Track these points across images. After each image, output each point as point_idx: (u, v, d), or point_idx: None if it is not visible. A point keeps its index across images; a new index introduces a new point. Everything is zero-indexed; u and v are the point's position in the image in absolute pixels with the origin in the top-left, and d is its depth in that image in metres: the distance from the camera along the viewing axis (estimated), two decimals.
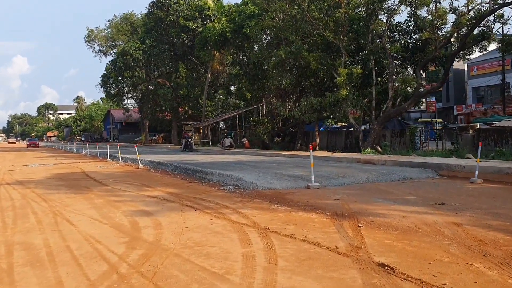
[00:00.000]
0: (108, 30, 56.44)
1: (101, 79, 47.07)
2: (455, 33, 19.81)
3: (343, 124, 31.65)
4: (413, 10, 20.39)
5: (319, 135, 26.22)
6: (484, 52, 23.95)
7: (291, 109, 25.72)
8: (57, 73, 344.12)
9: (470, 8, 19.26)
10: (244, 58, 33.78)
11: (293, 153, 21.69)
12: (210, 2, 40.66)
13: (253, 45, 31.85)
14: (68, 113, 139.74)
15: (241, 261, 4.68)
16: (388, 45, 21.00)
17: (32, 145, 61.54)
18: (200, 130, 42.30)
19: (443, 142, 19.91)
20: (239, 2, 33.83)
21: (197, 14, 39.67)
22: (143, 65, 44.39)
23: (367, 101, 21.47)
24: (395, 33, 22.50)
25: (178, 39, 41.63)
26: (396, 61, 22.36)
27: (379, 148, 19.90)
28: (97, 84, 50.80)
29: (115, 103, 54.25)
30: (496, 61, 39.62)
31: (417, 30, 21.62)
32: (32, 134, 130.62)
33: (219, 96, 45.46)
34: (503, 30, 23.52)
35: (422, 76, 21.40)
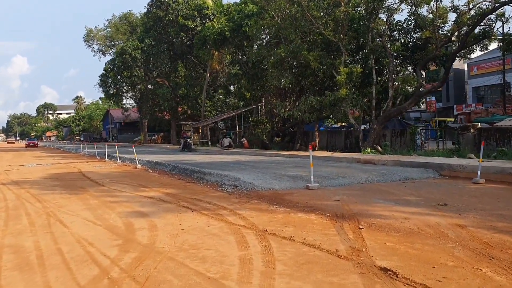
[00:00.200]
0: (107, 30, 56.29)
1: (100, 79, 46.86)
2: (456, 32, 19.62)
3: (343, 124, 31.50)
4: (414, 9, 20.22)
5: (319, 135, 26.04)
6: (485, 51, 23.80)
7: (291, 109, 25.54)
8: (57, 73, 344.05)
9: (471, 7, 19.07)
10: (244, 58, 33.60)
11: (293, 153, 21.51)
12: (209, 1, 40.47)
13: (253, 44, 31.67)
14: (68, 113, 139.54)
15: (238, 265, 4.50)
16: (389, 44, 20.81)
17: (31, 145, 61.38)
18: (199, 130, 42.13)
19: (444, 142, 19.72)
20: (238, 1, 33.67)
21: (196, 13, 39.47)
22: (142, 65, 44.20)
23: (367, 101, 21.29)
24: (396, 32, 22.31)
25: (177, 38, 41.43)
26: (397, 60, 22.18)
27: (379, 148, 19.72)
28: (96, 84, 50.66)
29: (114, 103, 54.02)
30: (496, 61, 39.49)
31: (418, 29, 21.43)
32: (32, 134, 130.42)
33: (218, 96, 45.28)
34: (503, 29, 23.40)
35: (423, 76, 21.20)
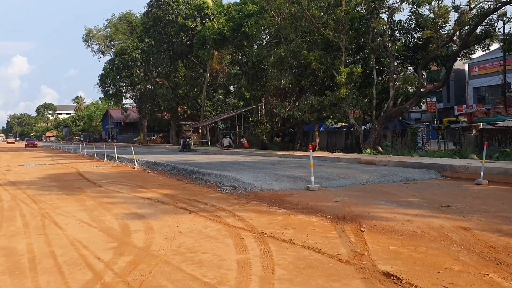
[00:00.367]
0: (107, 30, 56.04)
1: (99, 79, 46.71)
2: (457, 32, 19.48)
3: (343, 124, 31.32)
4: (415, 8, 20.05)
5: (319, 135, 25.89)
6: (486, 51, 23.68)
7: (291, 109, 25.39)
8: (57, 73, 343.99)
9: (473, 7, 18.95)
10: (243, 58, 33.45)
11: (293, 154, 21.36)
12: (209, 1, 40.29)
13: (252, 44, 31.51)
14: (68, 113, 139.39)
15: (236, 270, 4.35)
16: (389, 44, 20.64)
17: (30, 145, 61.24)
18: (199, 130, 41.96)
19: (445, 143, 19.55)
20: (238, 1, 33.46)
21: (196, 13, 39.31)
22: (142, 65, 44.03)
23: (368, 101, 21.13)
24: (396, 32, 22.14)
25: (177, 38, 41.26)
26: (397, 60, 22.02)
27: (380, 149, 19.56)
28: (95, 84, 50.52)
29: (114, 103, 53.86)
30: (497, 61, 39.34)
31: (419, 29, 21.26)
32: (31, 134, 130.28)
33: (218, 96, 45.10)
34: (504, 29, 23.27)
35: (424, 76, 21.05)
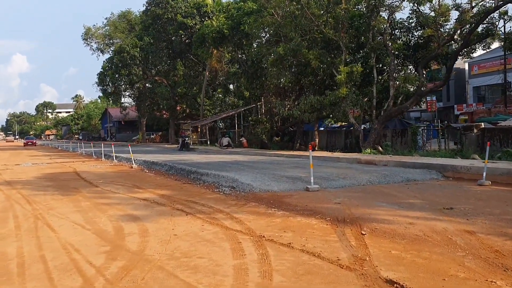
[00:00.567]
0: (106, 28, 55.84)
1: (98, 77, 46.50)
2: (458, 30, 19.32)
3: (343, 124, 31.14)
4: (416, 7, 19.88)
5: (319, 135, 25.74)
6: (487, 50, 23.52)
7: (290, 108, 25.22)
8: (57, 72, 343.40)
9: (474, 5, 18.79)
10: (243, 56, 33.25)
11: (292, 153, 21.18)
12: None
13: (252, 43, 31.31)
14: (67, 112, 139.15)
15: (232, 276, 4.17)
16: (390, 43, 20.47)
17: (29, 144, 60.92)
18: (198, 129, 41.77)
19: (446, 142, 19.38)
20: None
21: (195, 11, 39.11)
22: (140, 63, 43.83)
23: (368, 100, 20.96)
24: (397, 30, 21.97)
25: (176, 37, 41.06)
26: (398, 59, 21.84)
27: (380, 148, 19.40)
28: (94, 83, 50.29)
29: (113, 102, 53.62)
30: (497, 60, 39.14)
31: (419, 27, 21.11)
32: (31, 133, 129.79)
33: (218, 95, 44.89)
34: (505, 28, 23.09)
35: (424, 75, 20.85)
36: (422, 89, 19.95)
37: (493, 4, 18.04)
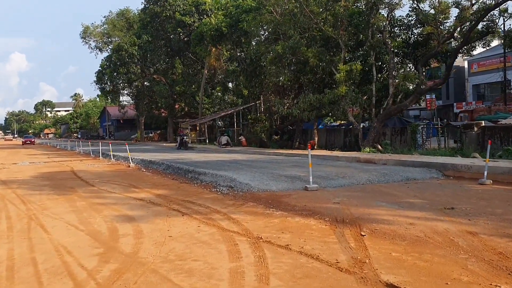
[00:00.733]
0: (104, 26, 55.57)
1: (96, 76, 46.31)
2: (458, 28, 19.17)
3: (342, 122, 30.98)
4: (415, 4, 19.73)
5: (318, 133, 25.61)
6: (487, 48, 23.36)
7: (290, 107, 25.06)
8: (56, 71, 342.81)
9: (474, 2, 18.62)
10: (242, 54, 33.08)
11: (291, 152, 21.04)
12: None
13: (251, 41, 31.12)
14: (66, 110, 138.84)
15: (227, 280, 4.04)
16: (389, 40, 20.30)
17: (28, 142, 60.73)
18: (197, 128, 41.60)
19: (446, 140, 19.24)
20: None
21: (194, 9, 38.92)
22: (139, 61, 43.64)
23: (367, 98, 20.80)
24: (396, 28, 21.81)
25: (175, 35, 40.87)
26: (397, 57, 21.70)
27: (380, 147, 19.26)
28: (92, 82, 50.07)
29: (111, 100, 53.43)
30: (497, 58, 39.00)
31: (419, 25, 20.96)
32: (30, 131, 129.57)
33: (217, 93, 44.72)
34: (505, 26, 22.93)
35: (424, 73, 20.71)
36: (422, 87, 19.80)
37: (493, 2, 17.88)
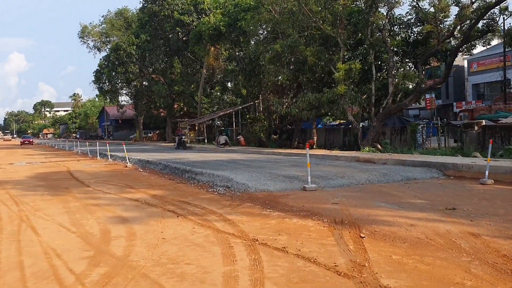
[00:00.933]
0: (103, 26, 55.36)
1: (94, 75, 46.09)
2: (458, 26, 19.01)
3: (341, 121, 30.82)
4: (415, 2, 19.57)
5: (317, 133, 25.44)
6: (487, 47, 23.22)
7: (288, 106, 24.89)
8: (55, 71, 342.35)
9: (474, 0, 18.47)
10: (240, 54, 32.90)
11: (290, 151, 20.87)
12: None
13: (249, 40, 30.95)
14: (65, 110, 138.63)
15: (221, 285, 3.87)
16: (389, 39, 20.14)
17: (26, 143, 60.55)
18: (196, 127, 41.43)
19: (446, 140, 19.08)
20: None
21: (192, 8, 38.72)
22: (137, 61, 43.43)
23: (366, 97, 20.64)
24: (396, 26, 21.65)
25: (173, 34, 40.68)
26: (397, 56, 21.53)
27: (379, 146, 19.10)
28: (91, 82, 49.85)
29: (110, 100, 53.20)
30: (496, 57, 38.87)
31: (419, 23, 20.79)
32: (29, 132, 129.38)
33: (216, 93, 44.54)
34: (504, 24, 22.77)
35: (423, 72, 20.53)
36: (422, 86, 19.64)
37: (493, 0, 17.72)
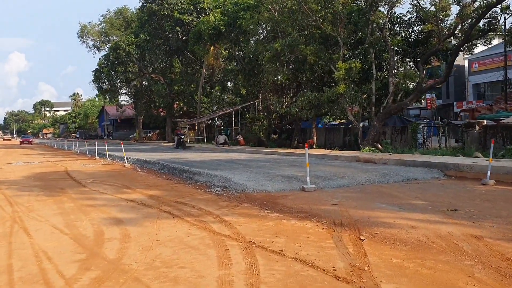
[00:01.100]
0: (102, 25, 55.18)
1: (93, 74, 45.93)
2: (459, 25, 18.85)
3: (342, 121, 30.66)
4: (416, 1, 19.40)
5: (317, 132, 25.29)
6: (488, 46, 23.04)
7: (288, 105, 24.74)
8: (55, 70, 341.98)
9: None
10: (240, 53, 32.76)
11: (289, 151, 20.73)
12: None
13: (249, 39, 30.80)
14: (65, 110, 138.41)
15: None
16: (389, 38, 19.98)
17: (25, 142, 60.42)
18: (195, 127, 41.29)
19: (447, 140, 18.93)
20: None
21: (192, 7, 38.56)
22: (137, 60, 43.26)
23: (366, 97, 20.49)
24: (396, 26, 21.48)
25: (173, 33, 40.53)
26: (397, 55, 21.37)
27: (380, 146, 18.96)
28: (90, 82, 49.62)
29: (109, 99, 53.00)
30: (497, 57, 38.71)
31: (420, 22, 20.62)
32: (28, 131, 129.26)
33: (215, 92, 44.38)
34: (505, 24, 22.59)
35: (424, 71, 20.37)
36: (422, 86, 19.48)
37: None
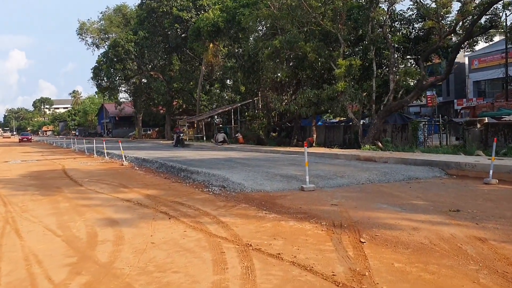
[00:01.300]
0: (101, 23, 54.93)
1: (92, 72, 45.72)
2: (460, 22, 18.64)
3: (342, 119, 30.47)
4: None
5: (317, 130, 25.08)
6: (489, 43, 22.87)
7: (288, 103, 24.54)
8: (55, 68, 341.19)
9: None
10: (239, 50, 32.53)
11: (289, 149, 20.57)
12: None
13: (248, 36, 30.55)
14: (65, 108, 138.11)
15: None
16: (390, 35, 19.77)
17: (25, 140, 60.32)
18: (195, 125, 41.10)
19: (448, 138, 18.76)
20: None
21: (191, 4, 38.31)
22: (135, 57, 43.04)
23: (367, 94, 20.29)
24: (397, 22, 21.25)
25: (172, 31, 40.29)
26: (398, 52, 21.16)
27: (380, 144, 18.78)
28: (89, 79, 49.43)
29: (108, 97, 52.80)
30: (498, 54, 38.52)
31: (420, 19, 20.40)
32: (28, 129, 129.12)
33: (215, 90, 44.15)
34: (506, 21, 22.38)
35: (425, 68, 20.17)
36: (423, 83, 19.30)
37: None
